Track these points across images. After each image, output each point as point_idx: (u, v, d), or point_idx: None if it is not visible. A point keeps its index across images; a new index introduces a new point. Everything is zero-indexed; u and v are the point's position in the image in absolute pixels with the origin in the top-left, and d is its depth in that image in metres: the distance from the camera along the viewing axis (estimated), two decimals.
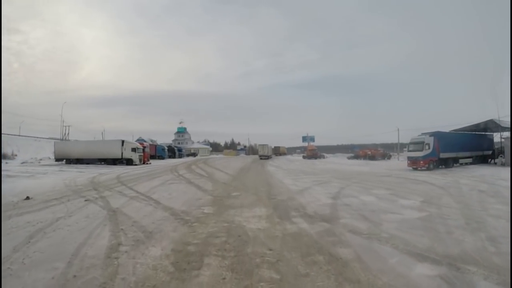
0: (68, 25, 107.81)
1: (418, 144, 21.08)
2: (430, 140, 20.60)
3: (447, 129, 24.90)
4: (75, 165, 25.53)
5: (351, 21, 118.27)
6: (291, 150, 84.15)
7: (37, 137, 45.21)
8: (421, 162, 20.44)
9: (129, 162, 25.82)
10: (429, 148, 20.49)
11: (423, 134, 22.27)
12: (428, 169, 20.11)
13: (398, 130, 50.76)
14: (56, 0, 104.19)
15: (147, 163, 28.55)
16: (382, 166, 27.10)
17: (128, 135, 57.23)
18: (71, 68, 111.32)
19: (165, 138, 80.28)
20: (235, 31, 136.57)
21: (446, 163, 21.49)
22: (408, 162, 21.79)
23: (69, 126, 48.13)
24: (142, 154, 27.21)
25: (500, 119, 24.19)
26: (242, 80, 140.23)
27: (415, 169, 20.89)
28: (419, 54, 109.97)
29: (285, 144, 79.66)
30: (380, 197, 8.67)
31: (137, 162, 26.14)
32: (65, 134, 48.03)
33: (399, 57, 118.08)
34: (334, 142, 68.46)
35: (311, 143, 55.59)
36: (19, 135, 43.48)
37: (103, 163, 26.81)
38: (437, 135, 21.16)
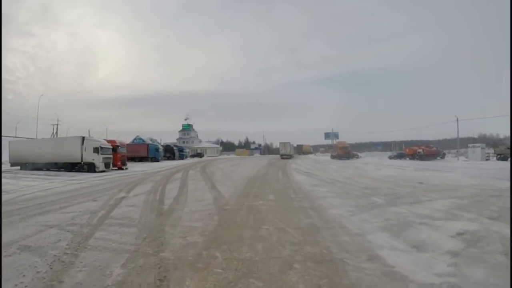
0: (83, 28, 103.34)
1: None
2: None
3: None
4: (19, 173, 17.93)
5: (370, 16, 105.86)
6: (313, 149, 74.75)
7: (28, 138, 39.43)
8: None
9: (91, 167, 17.81)
10: None
11: None
12: None
13: (457, 120, 39.78)
14: (69, 2, 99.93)
15: (123, 168, 20.57)
16: (469, 170, 17.39)
17: (134, 135, 49.47)
18: (88, 70, 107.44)
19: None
20: (251, 28, 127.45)
21: None
22: None
23: (56, 124, 41.35)
24: (110, 156, 19.09)
25: None
26: (259, 78, 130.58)
27: None
28: (443, 48, 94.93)
29: (304, 142, 70.43)
30: None
31: (101, 168, 17.89)
32: (53, 133, 41.41)
33: (421, 52, 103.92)
34: (352, 140, 59.23)
35: (342, 140, 45.57)
36: (15, 137, 38.12)
37: (62, 169, 19.05)
38: None
